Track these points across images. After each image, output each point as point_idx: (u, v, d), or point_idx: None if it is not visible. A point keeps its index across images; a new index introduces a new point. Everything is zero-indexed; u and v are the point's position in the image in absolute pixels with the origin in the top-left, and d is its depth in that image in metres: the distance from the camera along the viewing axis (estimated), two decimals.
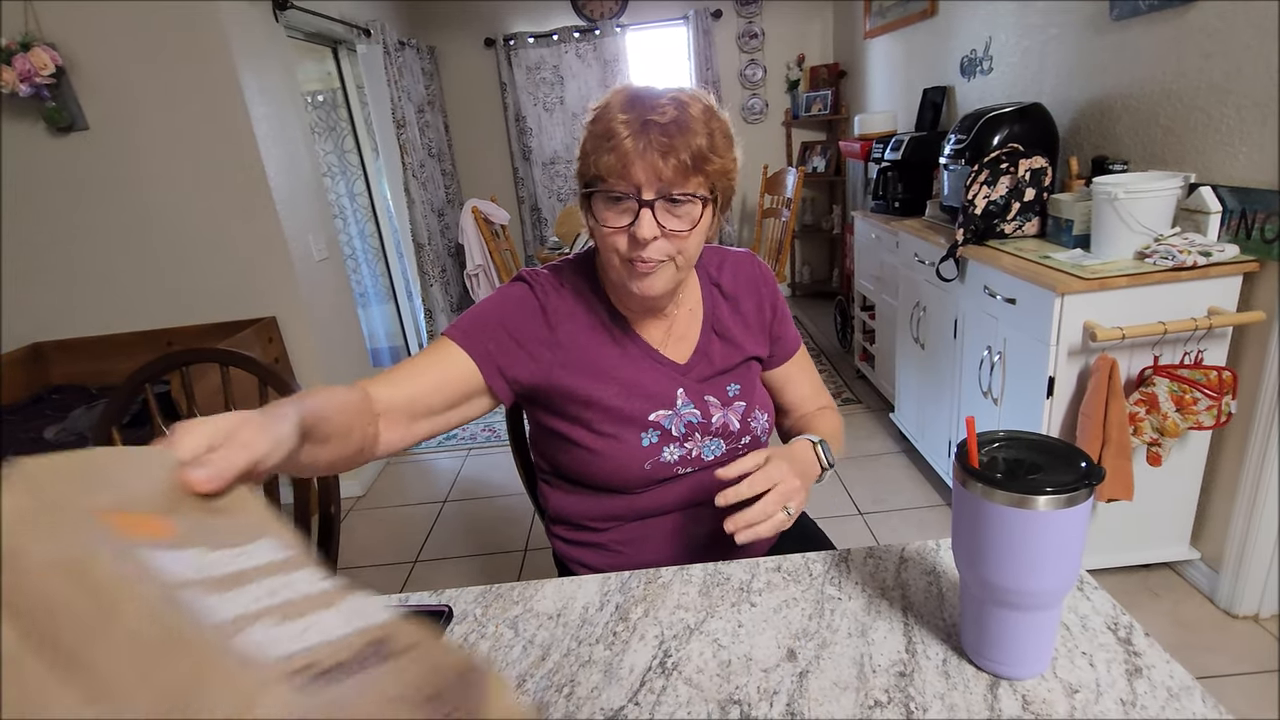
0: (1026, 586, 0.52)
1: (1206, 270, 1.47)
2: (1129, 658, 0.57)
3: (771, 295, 0.97)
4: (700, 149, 0.73)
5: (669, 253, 0.78)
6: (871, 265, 2.88)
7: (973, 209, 1.90)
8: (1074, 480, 0.50)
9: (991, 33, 2.45)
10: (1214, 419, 1.49)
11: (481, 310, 0.86)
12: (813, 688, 0.57)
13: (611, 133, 0.73)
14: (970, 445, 0.54)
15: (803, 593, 0.69)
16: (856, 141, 3.20)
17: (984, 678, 0.57)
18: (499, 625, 0.69)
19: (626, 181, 0.74)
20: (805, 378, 1.02)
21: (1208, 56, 1.56)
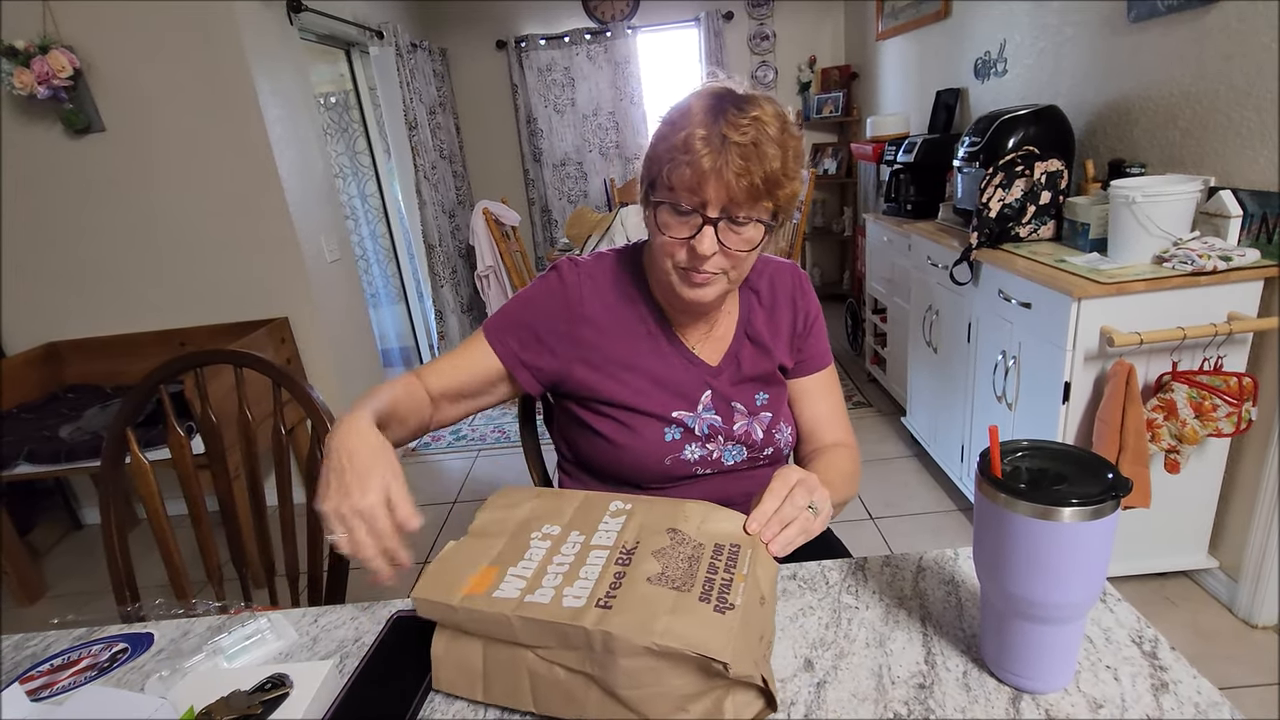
0: (1050, 599, 0.51)
1: (1226, 275, 1.45)
2: (1154, 672, 0.56)
3: (806, 308, 0.97)
4: (773, 173, 0.74)
5: (724, 267, 0.79)
6: (883, 268, 2.86)
7: (987, 212, 1.89)
8: (1100, 492, 0.49)
9: (1006, 34, 2.43)
10: (1234, 426, 1.47)
11: (512, 306, 0.91)
12: (830, 699, 0.57)
13: (690, 147, 0.73)
14: (993, 454, 0.53)
15: (819, 601, 0.68)
16: (869, 144, 3.18)
17: (1005, 691, 0.56)
18: None
19: (697, 196, 0.75)
20: (826, 398, 0.98)
21: (1228, 58, 1.54)
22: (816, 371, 0.98)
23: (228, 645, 0.68)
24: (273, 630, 0.71)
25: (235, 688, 0.59)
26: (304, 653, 0.69)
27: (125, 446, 1.09)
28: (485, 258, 3.57)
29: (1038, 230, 1.88)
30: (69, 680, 0.68)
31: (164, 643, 0.74)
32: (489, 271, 3.59)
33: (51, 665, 0.71)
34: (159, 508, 1.12)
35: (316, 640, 0.71)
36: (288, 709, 0.58)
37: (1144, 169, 1.77)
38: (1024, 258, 1.75)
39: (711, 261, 0.77)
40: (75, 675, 0.69)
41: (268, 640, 0.70)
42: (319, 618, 0.75)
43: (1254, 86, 1.48)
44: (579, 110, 4.33)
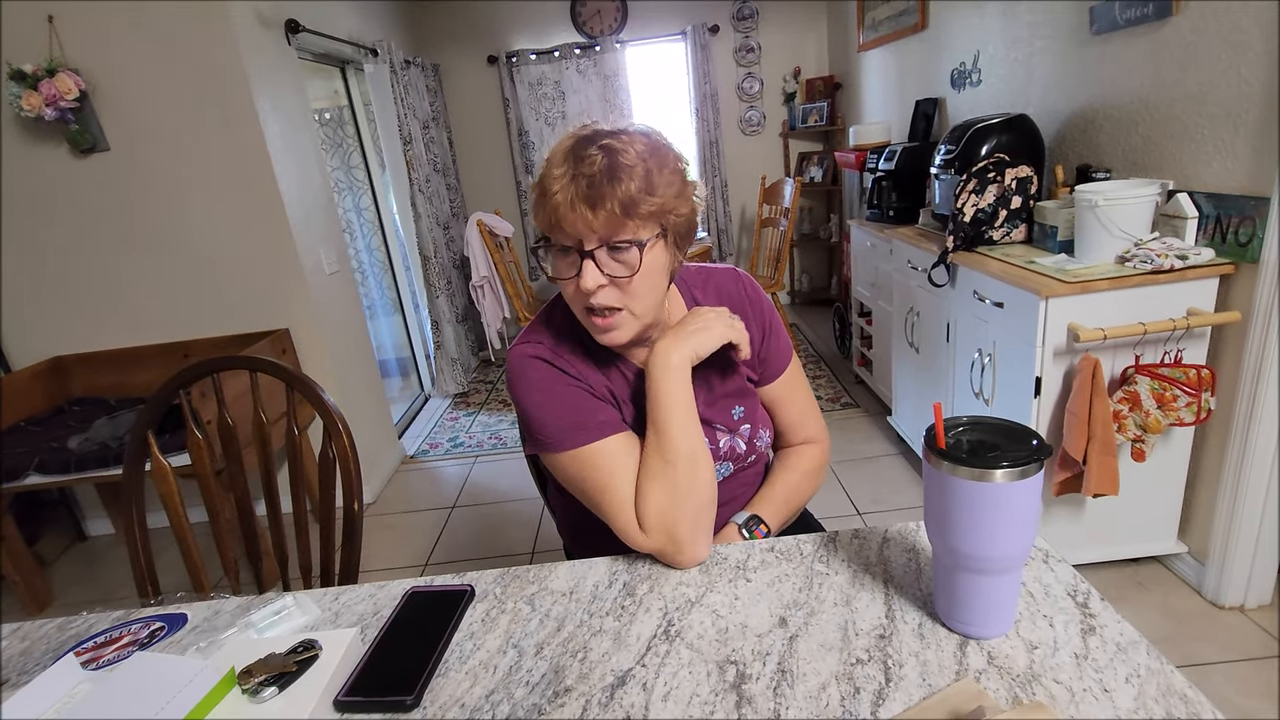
0: (988, 552, 0.59)
1: (1184, 273, 1.54)
2: (1084, 619, 0.63)
3: (759, 313, 0.97)
4: (629, 195, 0.73)
5: (622, 301, 0.78)
6: (867, 272, 2.95)
7: (962, 217, 1.98)
8: (1026, 455, 0.57)
9: (980, 46, 2.53)
10: (1194, 415, 1.55)
11: (552, 406, 0.83)
12: (801, 649, 0.64)
13: (545, 189, 0.75)
14: (938, 429, 0.61)
15: (794, 570, 0.76)
16: (851, 152, 3.28)
17: (954, 638, 0.63)
18: (517, 602, 0.76)
19: (568, 236, 0.76)
20: (794, 399, 1.01)
21: (1183, 68, 1.63)
22: (781, 372, 0.99)
23: (258, 620, 0.75)
24: (298, 607, 0.78)
25: (271, 651, 0.66)
26: (327, 626, 0.76)
27: (147, 451, 1.16)
28: (480, 268, 3.65)
29: (1010, 233, 1.97)
30: (113, 654, 0.75)
31: (197, 621, 0.80)
32: (484, 282, 3.67)
33: (96, 642, 0.77)
34: (179, 508, 1.19)
35: (339, 615, 0.78)
36: (319, 668, 0.65)
37: (1109, 174, 1.87)
38: (997, 260, 1.84)
39: (606, 295, 0.77)
40: (119, 650, 0.75)
41: (294, 615, 0.77)
42: (339, 595, 0.82)
43: (1207, 95, 1.57)
44: (569, 123, 4.40)
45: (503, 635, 0.71)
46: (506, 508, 2.62)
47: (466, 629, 0.73)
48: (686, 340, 0.83)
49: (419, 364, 4.00)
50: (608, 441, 0.82)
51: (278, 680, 0.63)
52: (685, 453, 0.79)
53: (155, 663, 0.65)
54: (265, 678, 0.63)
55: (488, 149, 4.54)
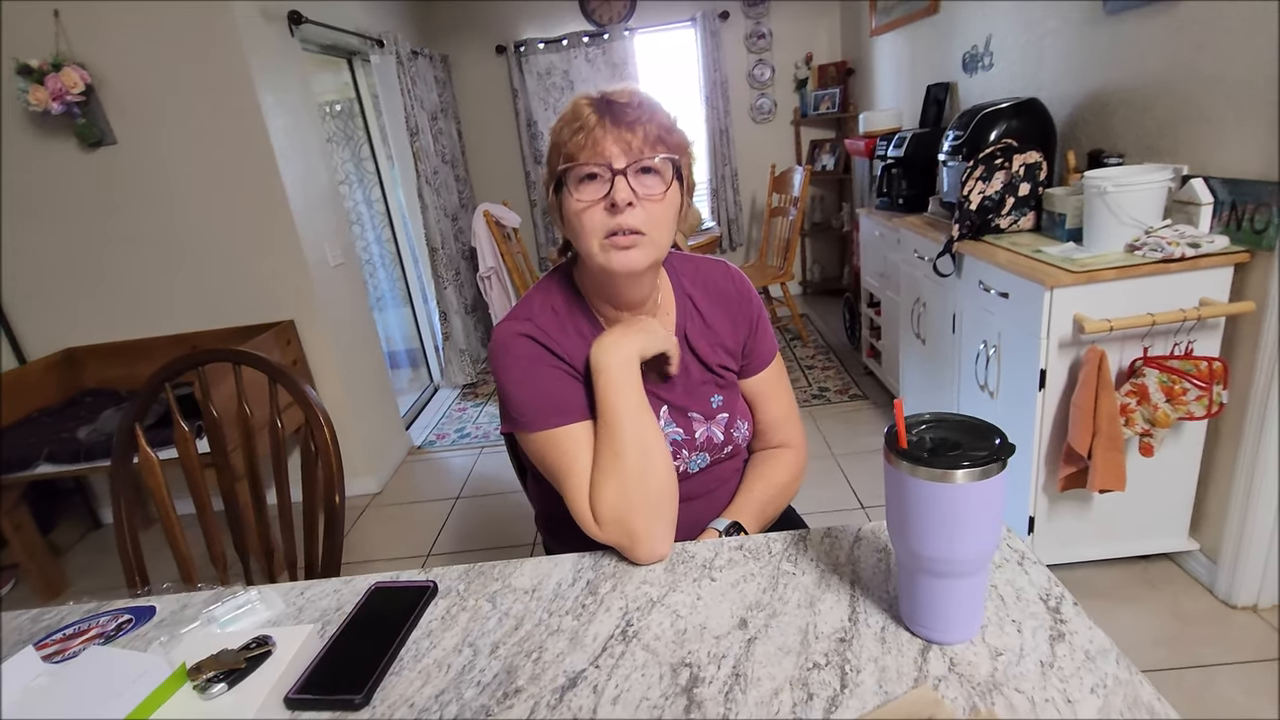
0: (949, 555, 0.56)
1: (1196, 262, 1.48)
2: (1055, 625, 0.61)
3: (746, 309, 0.96)
4: (662, 122, 0.80)
5: (646, 225, 0.79)
6: (876, 262, 2.90)
7: (968, 204, 1.92)
8: (987, 455, 0.54)
9: (991, 29, 2.46)
10: (1205, 409, 1.50)
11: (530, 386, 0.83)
12: (758, 652, 0.62)
13: (579, 115, 0.78)
14: (899, 427, 0.58)
15: (760, 569, 0.74)
16: (861, 139, 3.21)
17: (917, 643, 0.61)
18: (479, 599, 0.75)
19: (599, 156, 0.77)
20: (775, 399, 1.00)
21: (1199, 48, 1.57)
22: (764, 368, 0.98)
23: (221, 614, 0.75)
24: (262, 601, 0.77)
25: (224, 647, 0.65)
26: (290, 621, 0.76)
27: (135, 443, 1.17)
28: (487, 259, 3.64)
29: (1018, 221, 1.92)
30: (79, 646, 0.75)
31: (165, 614, 0.81)
32: (490, 273, 3.67)
33: (64, 634, 0.78)
34: (166, 500, 1.20)
35: (302, 610, 0.78)
36: (271, 665, 0.64)
37: (1122, 159, 1.80)
38: (1003, 249, 1.79)
39: (631, 216, 0.77)
40: (85, 642, 0.76)
41: (258, 610, 0.76)
42: (305, 590, 0.81)
43: (1224, 75, 1.51)
44: None
45: (460, 633, 0.70)
46: (510, 499, 2.63)
47: (425, 626, 0.72)
48: (636, 337, 0.83)
49: (428, 355, 4.02)
50: (578, 426, 0.82)
51: (228, 677, 0.62)
52: (635, 445, 0.78)
53: (108, 657, 0.65)
54: (215, 674, 0.62)
55: (496, 140, 4.53)
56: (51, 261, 2.50)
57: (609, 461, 0.79)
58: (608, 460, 0.79)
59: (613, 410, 0.80)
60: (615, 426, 0.79)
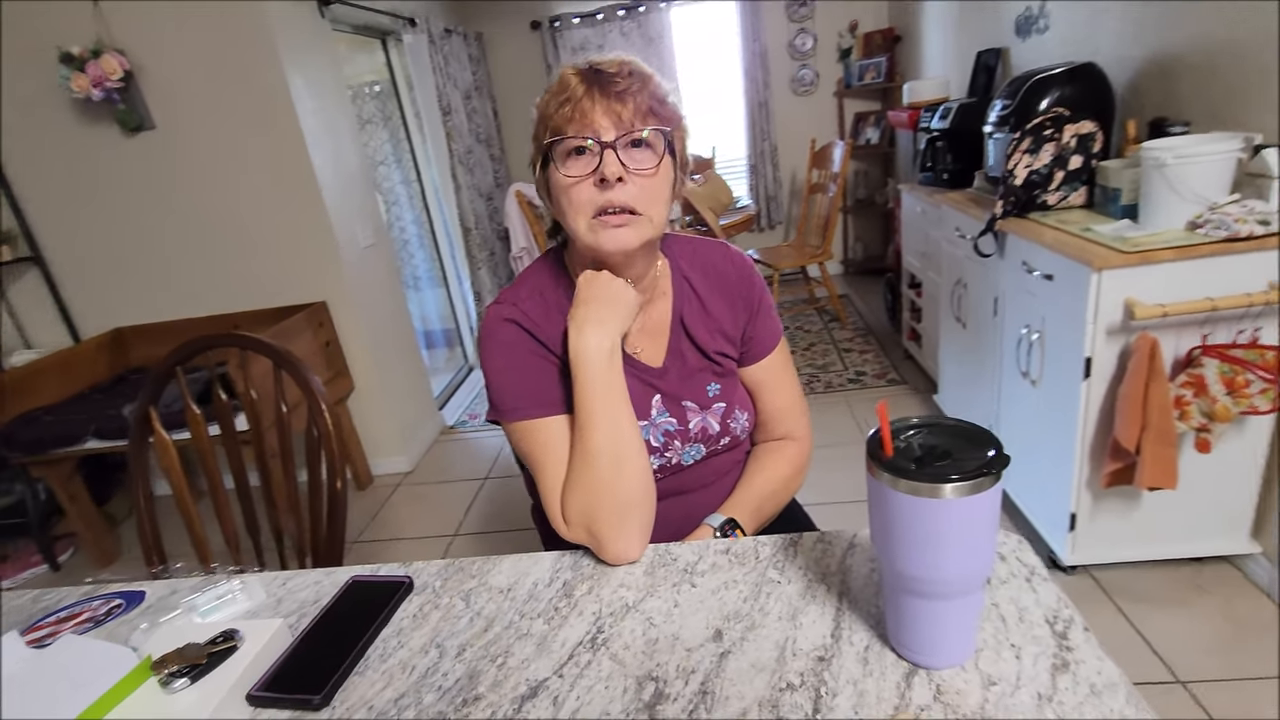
0: (934, 575, 0.51)
1: (1265, 241, 1.34)
2: (1059, 652, 0.55)
3: (746, 291, 0.91)
4: (655, 93, 0.76)
5: (637, 200, 0.75)
6: (918, 241, 2.76)
7: (1012, 179, 1.80)
8: (977, 467, 0.48)
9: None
10: (1271, 402, 1.37)
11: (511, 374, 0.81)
12: (730, 668, 0.58)
13: (566, 87, 0.75)
14: (884, 433, 0.53)
15: (745, 575, 0.69)
16: (905, 110, 3.06)
17: (902, 666, 0.56)
18: (453, 597, 0.73)
19: (588, 128, 0.74)
20: (778, 386, 0.94)
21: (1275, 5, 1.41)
22: (767, 354, 0.93)
23: (201, 603, 0.75)
24: (244, 591, 0.77)
25: (190, 641, 0.65)
26: (268, 612, 0.75)
27: (149, 426, 1.19)
28: (519, 240, 3.63)
29: (1068, 198, 1.78)
30: (70, 630, 0.76)
31: (153, 599, 0.81)
32: (523, 253, 3.66)
33: (58, 617, 0.79)
34: (181, 480, 1.22)
35: (281, 601, 0.77)
36: (234, 661, 0.63)
37: (1188, 127, 1.65)
38: (1050, 227, 1.67)
39: (621, 191, 0.74)
40: (76, 626, 0.77)
41: (238, 600, 0.76)
42: (288, 580, 0.81)
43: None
44: None
45: (430, 633, 0.68)
46: None
47: (397, 624, 0.70)
48: (611, 318, 0.77)
49: (463, 336, 4.05)
50: (556, 420, 0.79)
51: (191, 671, 0.62)
52: (608, 450, 0.75)
53: (79, 647, 0.65)
54: (177, 668, 0.62)
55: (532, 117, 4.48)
56: (100, 244, 2.59)
57: (580, 463, 0.75)
58: (579, 462, 0.76)
59: (588, 411, 0.76)
60: (588, 428, 0.75)
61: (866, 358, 3.22)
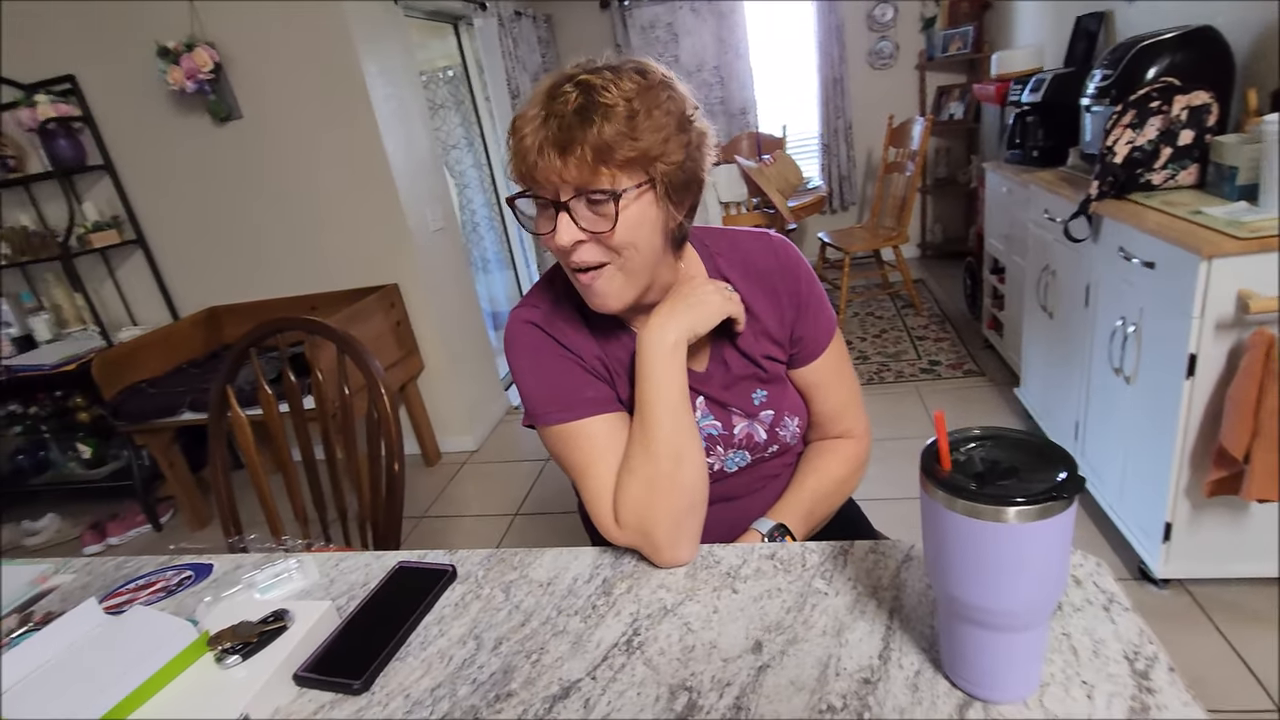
0: (993, 605, 0.46)
1: None
2: (1139, 693, 0.49)
3: (793, 287, 0.83)
4: (604, 139, 0.63)
5: (606, 256, 0.69)
6: (1002, 223, 2.59)
7: (1111, 157, 1.65)
8: (1045, 490, 0.43)
9: None
10: None
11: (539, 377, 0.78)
12: (768, 684, 0.55)
13: (515, 130, 0.68)
14: (941, 446, 0.48)
15: (790, 583, 0.66)
16: (992, 83, 2.85)
17: (956, 697, 0.51)
18: (494, 589, 0.73)
19: (539, 185, 0.68)
20: (833, 387, 0.88)
21: None
22: (818, 356, 0.86)
23: (260, 580, 0.78)
24: (300, 570, 0.80)
25: (244, 619, 0.68)
26: (321, 592, 0.78)
27: (226, 403, 1.25)
28: None
29: (1175, 177, 1.62)
30: (145, 598, 0.81)
31: (219, 573, 0.86)
32: None
33: (136, 585, 0.84)
34: (254, 456, 1.29)
35: (334, 581, 0.80)
36: (283, 642, 0.66)
37: None
38: (1153, 209, 1.52)
39: (584, 252, 0.69)
40: (151, 594, 0.82)
41: (294, 579, 0.79)
42: (340, 562, 0.83)
43: None
44: (683, 67, 4.23)
45: (469, 623, 0.68)
46: None
47: (439, 611, 0.71)
48: (684, 315, 0.74)
49: None
50: (592, 421, 0.76)
51: (243, 649, 0.64)
52: (671, 449, 0.71)
53: (147, 618, 0.69)
54: (231, 645, 0.64)
55: None
56: (194, 228, 2.76)
57: (640, 462, 0.72)
58: (639, 460, 0.72)
59: (650, 406, 0.73)
60: (651, 425, 0.72)
61: (941, 346, 3.07)
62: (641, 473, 0.71)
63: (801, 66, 4.20)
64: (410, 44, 2.76)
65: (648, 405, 0.73)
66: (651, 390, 0.72)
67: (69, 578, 0.90)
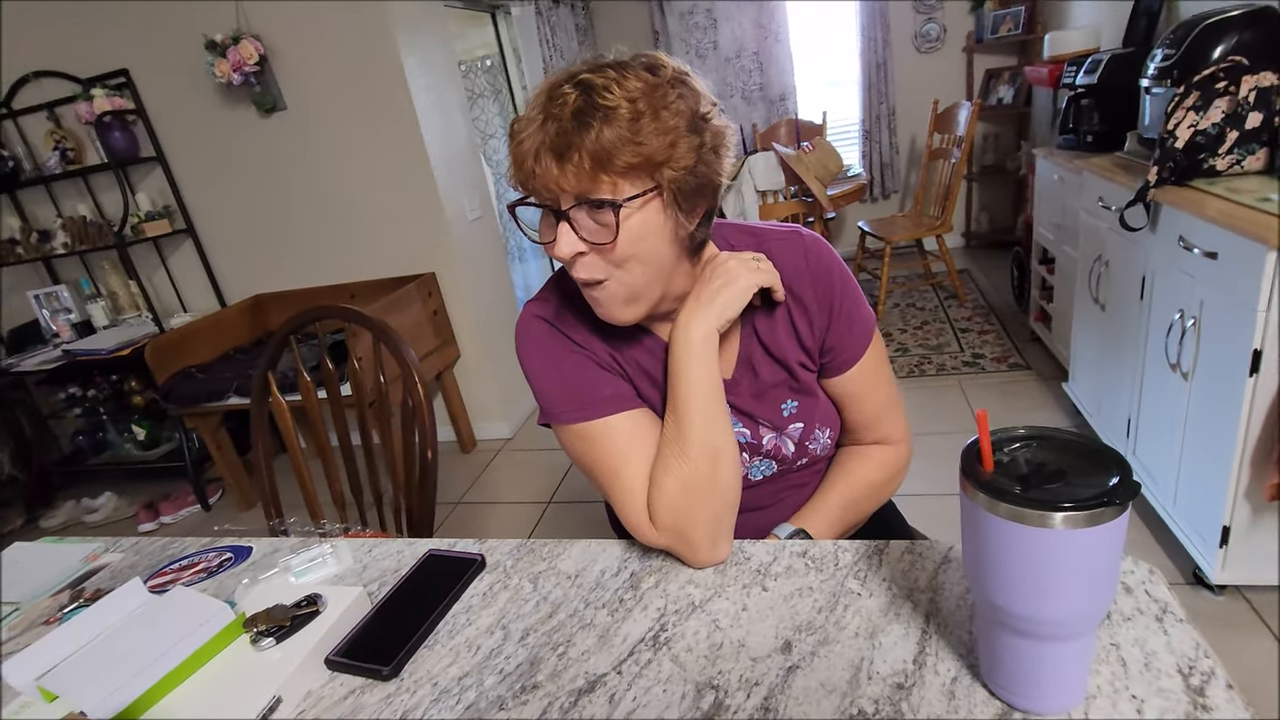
0: (1036, 614, 0.44)
1: None
2: (1193, 710, 0.46)
3: (825, 293, 0.77)
4: (600, 144, 0.59)
5: (607, 272, 0.66)
6: (1052, 211, 2.49)
7: (1172, 141, 1.56)
8: (1095, 495, 0.41)
9: None
10: None
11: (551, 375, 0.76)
12: (797, 685, 0.54)
13: (513, 134, 0.64)
14: (983, 445, 0.46)
15: (821, 583, 0.65)
16: (1045, 65, 2.74)
17: (995, 706, 0.49)
18: (522, 579, 0.73)
19: (539, 193, 0.64)
20: (870, 395, 0.82)
21: None
22: (852, 365, 0.80)
23: (295, 565, 0.79)
24: (334, 555, 0.81)
25: (279, 602, 0.69)
26: (353, 577, 0.79)
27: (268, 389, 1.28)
28: None
29: (1242, 162, 1.53)
30: (187, 579, 0.84)
31: (258, 556, 0.88)
32: None
33: (179, 565, 0.87)
34: (293, 442, 1.32)
35: (366, 567, 0.81)
36: (315, 626, 0.67)
37: None
38: (1217, 196, 1.44)
39: (586, 265, 0.65)
40: (193, 575, 0.84)
41: (328, 564, 0.80)
42: (373, 549, 0.84)
43: None
44: (721, 53, 4.17)
45: (497, 614, 0.69)
46: None
47: (467, 600, 0.71)
48: (710, 306, 0.70)
49: None
50: (613, 420, 0.73)
51: (277, 632, 0.66)
52: (707, 448, 0.69)
53: (187, 598, 0.71)
54: (265, 628, 0.66)
55: None
56: (240, 218, 2.84)
57: (675, 462, 0.69)
58: (674, 460, 0.70)
59: (685, 406, 0.70)
60: (686, 425, 0.70)
61: (986, 339, 2.97)
62: (678, 473, 0.69)
63: (843, 51, 4.10)
64: (449, 34, 2.77)
65: (680, 403, 0.70)
66: (683, 388, 0.70)
67: (118, 556, 0.94)
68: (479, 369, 2.87)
